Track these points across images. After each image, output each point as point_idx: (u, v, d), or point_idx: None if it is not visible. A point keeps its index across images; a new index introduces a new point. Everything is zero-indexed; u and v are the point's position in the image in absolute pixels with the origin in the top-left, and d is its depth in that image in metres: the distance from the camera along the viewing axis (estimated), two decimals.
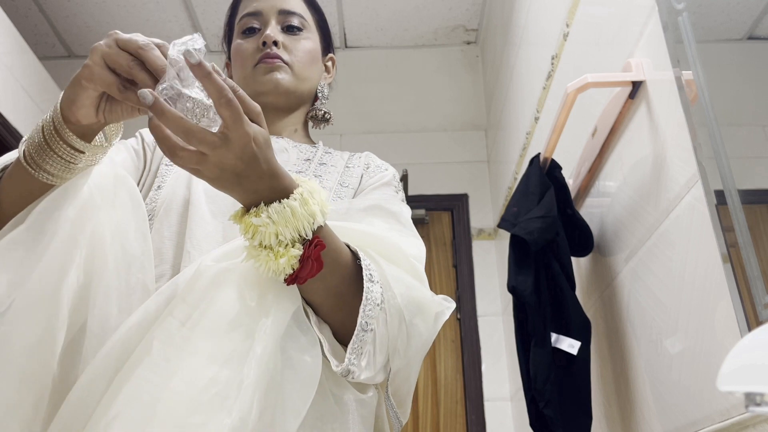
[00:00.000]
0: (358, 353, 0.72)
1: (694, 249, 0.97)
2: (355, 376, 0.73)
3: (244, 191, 0.67)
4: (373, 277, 0.74)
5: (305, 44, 1.06)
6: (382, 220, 0.85)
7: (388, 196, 0.96)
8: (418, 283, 0.80)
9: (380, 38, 3.05)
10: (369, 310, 0.72)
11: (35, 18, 2.89)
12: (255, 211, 0.67)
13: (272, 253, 0.68)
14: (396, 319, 0.75)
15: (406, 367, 0.80)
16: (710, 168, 0.92)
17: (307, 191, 0.69)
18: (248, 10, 1.07)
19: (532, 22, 2.05)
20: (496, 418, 2.46)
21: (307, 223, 0.68)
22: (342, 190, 0.96)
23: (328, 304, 0.75)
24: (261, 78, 1.01)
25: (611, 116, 1.28)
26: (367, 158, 1.05)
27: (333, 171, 1.00)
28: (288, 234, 0.67)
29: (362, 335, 0.72)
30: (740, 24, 0.88)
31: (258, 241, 0.68)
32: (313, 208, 0.68)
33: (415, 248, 0.85)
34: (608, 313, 1.36)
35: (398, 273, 0.78)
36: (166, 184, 0.93)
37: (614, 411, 1.35)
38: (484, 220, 2.79)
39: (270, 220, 0.66)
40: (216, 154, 0.63)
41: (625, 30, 1.25)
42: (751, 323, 0.82)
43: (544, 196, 1.35)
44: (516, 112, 2.32)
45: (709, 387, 0.93)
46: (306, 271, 0.69)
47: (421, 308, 0.79)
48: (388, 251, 0.80)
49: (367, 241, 0.79)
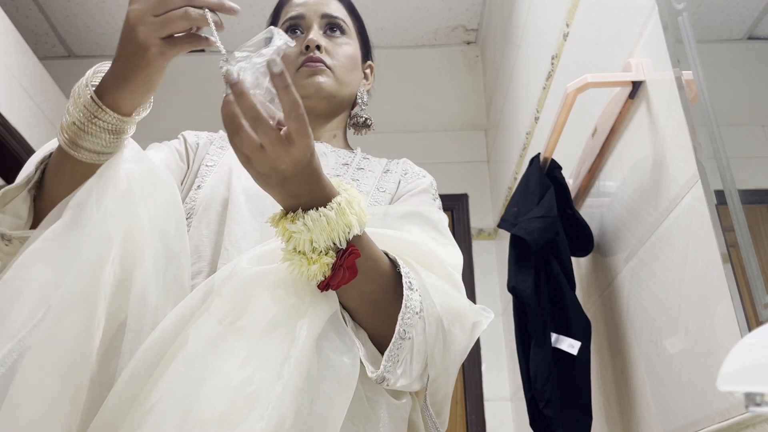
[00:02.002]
0: (394, 361, 0.72)
1: (694, 249, 0.97)
2: (390, 384, 0.73)
3: (286, 193, 0.69)
4: (412, 285, 0.75)
5: (347, 49, 1.07)
6: (420, 227, 0.86)
7: (426, 203, 0.97)
8: (457, 292, 0.81)
9: (380, 38, 3.04)
10: (408, 318, 0.73)
11: (35, 18, 2.89)
12: (292, 217, 0.69)
13: (305, 259, 0.69)
14: (434, 328, 0.75)
15: (443, 375, 0.80)
16: (710, 168, 0.92)
17: (346, 200, 0.70)
18: (291, 14, 1.08)
19: (532, 22, 2.05)
20: (496, 418, 2.46)
21: (342, 232, 0.69)
22: (379, 194, 0.97)
23: (363, 310, 0.76)
24: (303, 81, 1.01)
25: (611, 116, 1.27)
26: (405, 164, 1.06)
27: (371, 176, 1.01)
28: (322, 242, 0.68)
29: (399, 343, 0.72)
30: (740, 24, 0.88)
31: (292, 246, 0.69)
32: (350, 219, 0.69)
33: (453, 257, 0.85)
34: (608, 313, 1.36)
35: (437, 282, 0.78)
36: (206, 184, 0.94)
37: (614, 411, 1.34)
38: (484, 220, 2.79)
39: (305, 227, 0.68)
40: (275, 152, 0.64)
41: (625, 30, 1.25)
42: (751, 323, 0.82)
43: (544, 196, 1.35)
44: (516, 112, 2.32)
45: (709, 387, 0.93)
46: (337, 279, 0.70)
47: (460, 317, 0.79)
48: (426, 259, 0.80)
49: (405, 249, 0.80)
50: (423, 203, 0.96)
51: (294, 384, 0.65)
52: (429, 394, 0.82)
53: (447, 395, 0.85)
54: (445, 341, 0.77)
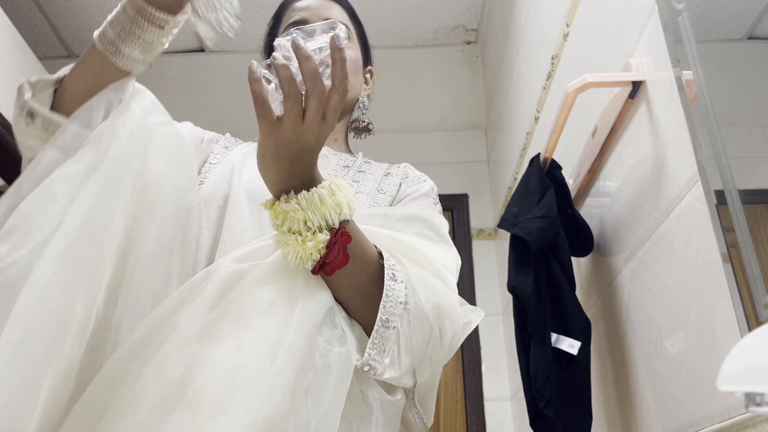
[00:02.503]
0: (379, 349, 0.73)
1: (694, 249, 0.97)
2: (377, 373, 0.73)
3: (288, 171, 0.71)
4: (396, 276, 0.76)
5: (349, 53, 1.07)
6: (420, 231, 0.87)
7: (426, 207, 0.98)
8: (447, 290, 0.81)
9: (380, 38, 3.04)
10: (390, 307, 0.74)
11: (35, 18, 2.89)
12: (285, 198, 0.72)
13: (300, 238, 0.71)
14: (422, 322, 0.76)
15: (432, 372, 0.81)
16: (710, 168, 0.92)
17: (335, 184, 0.73)
18: (294, 19, 1.08)
19: (532, 22, 2.05)
20: (496, 418, 2.46)
21: (334, 212, 0.72)
22: (379, 196, 0.98)
23: (356, 302, 0.77)
24: None
25: (611, 116, 1.28)
26: (406, 168, 1.07)
27: (371, 178, 1.02)
28: (316, 220, 0.71)
29: (383, 331, 0.73)
30: (740, 24, 0.88)
31: (287, 227, 0.71)
32: (340, 200, 0.72)
33: (448, 258, 0.86)
34: (608, 313, 1.36)
35: (426, 277, 0.79)
36: (208, 180, 0.96)
37: (614, 411, 1.35)
38: (484, 220, 2.79)
39: (299, 206, 0.71)
40: (311, 120, 0.68)
41: (625, 30, 1.25)
42: (751, 323, 0.82)
43: (544, 196, 1.35)
44: (516, 112, 2.32)
45: (709, 387, 0.93)
46: (332, 257, 0.71)
47: (450, 314, 0.80)
48: (417, 257, 0.81)
49: (395, 247, 0.81)
50: (423, 207, 0.97)
51: (287, 371, 0.65)
52: (418, 392, 0.83)
53: (433, 391, 0.87)
54: (432, 335, 0.77)
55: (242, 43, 2.91)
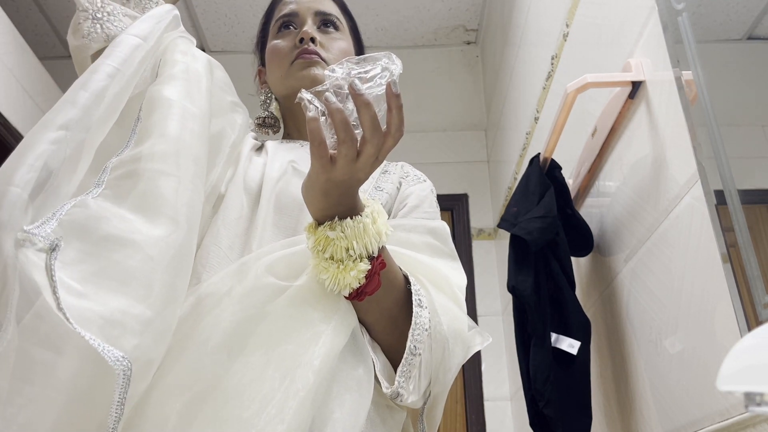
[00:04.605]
0: (407, 377, 0.74)
1: (694, 249, 0.97)
2: (404, 399, 0.74)
3: (337, 202, 0.71)
4: (422, 302, 0.76)
5: (341, 44, 1.07)
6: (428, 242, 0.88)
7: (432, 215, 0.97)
8: (461, 313, 0.82)
9: (380, 38, 3.04)
10: (417, 335, 0.74)
11: (35, 18, 2.89)
12: (330, 225, 0.71)
13: (342, 266, 0.70)
14: (440, 347, 0.77)
15: (442, 391, 0.82)
16: (710, 168, 0.92)
17: (376, 211, 0.73)
18: (284, 12, 1.08)
19: (532, 22, 2.05)
20: (496, 418, 2.46)
21: (375, 240, 0.71)
22: (377, 193, 0.98)
23: (380, 325, 0.77)
24: (298, 74, 1.01)
25: (611, 116, 1.28)
26: (405, 167, 1.06)
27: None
28: (358, 249, 0.70)
29: (411, 359, 0.74)
30: (740, 24, 0.88)
31: (330, 254, 0.70)
32: (380, 227, 0.72)
33: (460, 278, 0.87)
34: (608, 313, 1.36)
35: (445, 302, 0.80)
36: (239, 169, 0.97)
37: (614, 411, 1.35)
38: (484, 220, 2.79)
39: (344, 234, 0.70)
40: (366, 161, 0.67)
41: (625, 30, 1.25)
42: (751, 323, 0.82)
43: (544, 196, 1.35)
44: (516, 112, 2.32)
45: (709, 387, 0.93)
46: (372, 287, 0.71)
47: (462, 338, 0.81)
48: (436, 279, 0.82)
49: (416, 268, 0.81)
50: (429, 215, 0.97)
51: (315, 391, 0.66)
52: (427, 408, 0.83)
53: (440, 410, 0.87)
54: (449, 360, 0.78)
55: (242, 43, 2.91)
